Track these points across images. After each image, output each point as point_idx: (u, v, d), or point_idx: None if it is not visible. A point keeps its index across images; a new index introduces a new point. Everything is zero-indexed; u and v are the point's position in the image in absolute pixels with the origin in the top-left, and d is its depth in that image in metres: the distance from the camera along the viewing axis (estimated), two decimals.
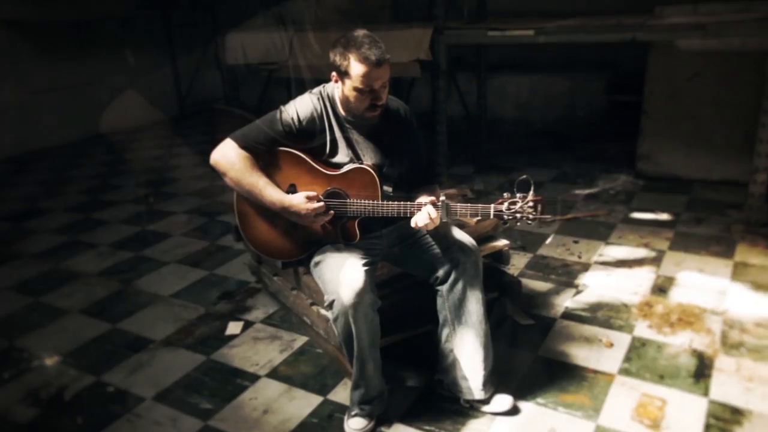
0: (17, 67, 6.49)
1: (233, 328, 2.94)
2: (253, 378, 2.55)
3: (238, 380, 2.55)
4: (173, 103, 7.91)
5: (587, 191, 4.44)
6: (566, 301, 2.98)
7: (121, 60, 7.31)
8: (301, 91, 2.21)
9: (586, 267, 3.31)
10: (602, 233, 3.71)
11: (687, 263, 3.26)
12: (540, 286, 3.14)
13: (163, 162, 6.02)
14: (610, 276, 3.20)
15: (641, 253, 3.43)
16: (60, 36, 6.80)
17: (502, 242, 2.77)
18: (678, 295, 2.96)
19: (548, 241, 3.63)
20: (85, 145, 6.79)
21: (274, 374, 2.57)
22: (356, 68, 1.98)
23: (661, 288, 3.04)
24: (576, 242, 3.61)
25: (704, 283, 3.05)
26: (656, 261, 3.31)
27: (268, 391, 2.47)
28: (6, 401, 2.51)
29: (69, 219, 4.61)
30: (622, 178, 4.63)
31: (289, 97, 2.24)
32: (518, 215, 2.03)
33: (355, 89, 2.01)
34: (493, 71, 6.02)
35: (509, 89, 6.31)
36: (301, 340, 2.80)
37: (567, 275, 3.23)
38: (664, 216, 3.91)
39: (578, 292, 3.05)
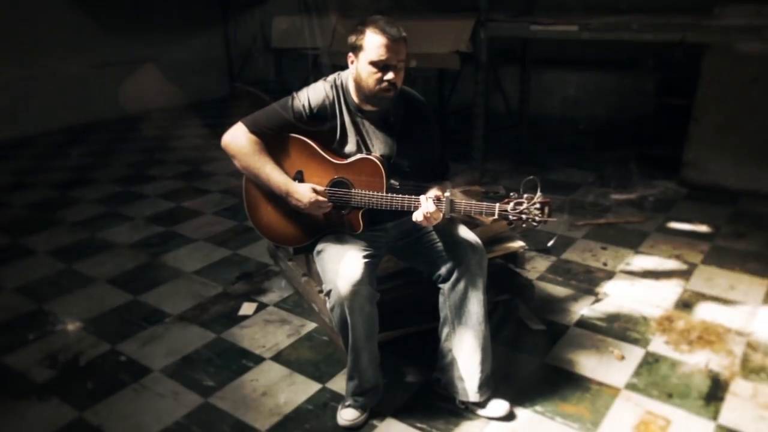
0: (79, 41, 6.77)
1: (247, 308, 2.99)
2: (258, 360, 2.60)
3: (243, 361, 2.59)
4: (225, 83, 8.10)
5: (625, 196, 4.27)
6: (583, 308, 2.89)
7: (176, 38, 7.51)
8: None
9: (610, 275, 3.19)
10: (633, 241, 3.56)
11: (718, 279, 3.11)
12: (558, 291, 3.06)
13: (208, 140, 6.16)
14: (634, 286, 3.08)
15: (671, 264, 3.28)
16: (120, 12, 7.04)
17: (517, 243, 2.71)
18: (703, 312, 2.82)
19: (574, 245, 3.53)
20: (137, 120, 7.02)
21: (278, 358, 2.61)
22: (371, 39, 1.98)
23: (686, 303, 2.90)
24: (604, 249, 3.49)
25: (733, 302, 2.90)
26: (686, 274, 3.17)
27: (270, 374, 2.51)
28: (27, 361, 2.64)
29: (111, 190, 4.79)
30: (664, 185, 4.44)
31: None
32: (523, 216, 1.98)
33: (370, 63, 1.99)
34: (543, 66, 5.86)
35: (557, 86, 6.14)
36: (309, 326, 2.83)
37: (588, 282, 3.13)
38: (703, 228, 3.72)
39: (597, 301, 2.95)
